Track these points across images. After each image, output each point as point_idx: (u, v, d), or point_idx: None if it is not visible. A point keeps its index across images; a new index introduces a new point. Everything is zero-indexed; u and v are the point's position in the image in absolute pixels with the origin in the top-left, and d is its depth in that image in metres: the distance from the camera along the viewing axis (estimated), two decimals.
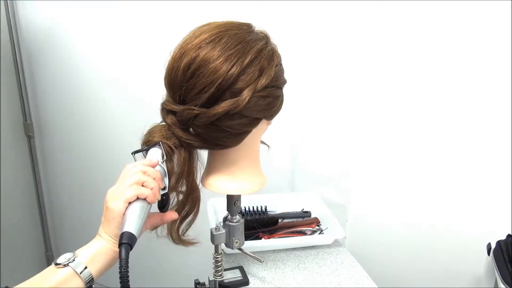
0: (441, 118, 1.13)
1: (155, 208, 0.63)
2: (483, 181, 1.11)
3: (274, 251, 1.02)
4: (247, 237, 1.02)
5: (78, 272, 0.54)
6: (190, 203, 0.69)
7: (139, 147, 0.66)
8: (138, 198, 0.56)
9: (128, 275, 0.47)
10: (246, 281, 0.88)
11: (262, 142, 0.75)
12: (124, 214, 0.55)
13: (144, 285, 1.80)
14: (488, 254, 0.99)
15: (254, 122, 0.65)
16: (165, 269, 1.73)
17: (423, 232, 1.22)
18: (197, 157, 0.69)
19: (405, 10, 1.08)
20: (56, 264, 0.55)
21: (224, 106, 0.59)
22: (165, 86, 0.64)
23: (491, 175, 1.10)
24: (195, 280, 0.86)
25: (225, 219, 0.80)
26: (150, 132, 0.65)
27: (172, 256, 1.68)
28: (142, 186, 0.57)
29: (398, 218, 1.25)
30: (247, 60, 0.59)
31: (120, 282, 0.47)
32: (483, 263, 1.02)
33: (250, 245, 0.98)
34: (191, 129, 0.64)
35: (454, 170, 1.14)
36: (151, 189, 0.57)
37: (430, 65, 1.10)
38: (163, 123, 0.65)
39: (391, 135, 1.20)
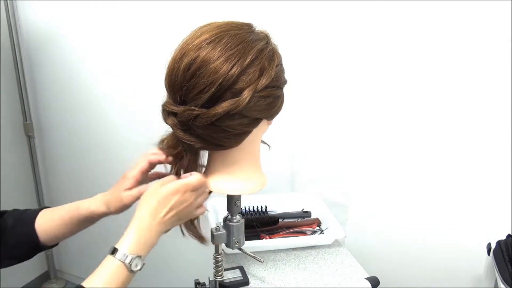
0: (441, 119, 1.13)
1: None
2: (483, 181, 1.11)
3: (274, 251, 1.02)
4: (247, 237, 1.02)
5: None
6: None
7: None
8: None
9: None
10: (246, 281, 0.88)
11: (263, 142, 0.75)
12: None
13: (144, 285, 1.80)
14: (488, 254, 0.99)
15: (254, 122, 0.65)
16: (165, 269, 1.73)
17: (423, 232, 1.22)
18: (201, 155, 0.72)
19: (405, 11, 1.08)
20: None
21: (224, 106, 0.59)
22: (166, 87, 0.64)
23: (491, 175, 1.10)
24: (195, 280, 0.86)
25: (225, 219, 0.80)
26: (161, 141, 0.71)
27: (172, 256, 1.68)
28: None
29: (398, 218, 1.25)
30: (247, 60, 0.59)
31: None
32: (483, 263, 1.02)
33: (250, 245, 0.98)
34: (192, 130, 0.64)
35: (454, 170, 1.14)
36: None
37: (429, 66, 1.10)
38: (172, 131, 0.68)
39: (391, 135, 1.20)
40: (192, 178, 0.66)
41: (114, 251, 0.60)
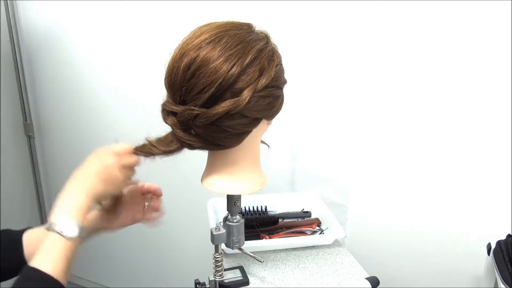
0: (441, 119, 1.13)
1: None
2: (483, 181, 1.11)
3: (274, 251, 1.02)
4: (247, 237, 1.02)
5: None
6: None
7: None
8: None
9: None
10: (246, 281, 0.88)
11: (263, 142, 0.75)
12: None
13: (144, 285, 1.80)
14: (488, 254, 0.99)
15: (254, 122, 0.65)
16: (165, 269, 1.74)
17: (423, 232, 1.22)
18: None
19: (405, 11, 1.08)
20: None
21: (224, 106, 0.59)
22: (165, 86, 0.64)
23: (491, 175, 1.10)
24: (195, 280, 0.86)
25: (225, 219, 0.80)
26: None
27: (172, 256, 1.68)
28: None
29: (398, 218, 1.25)
30: (247, 60, 0.59)
31: None
32: (483, 263, 1.02)
33: (250, 245, 0.98)
34: (192, 130, 0.64)
35: (454, 170, 1.14)
36: None
37: (429, 66, 1.10)
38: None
39: (391, 135, 1.20)
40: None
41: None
